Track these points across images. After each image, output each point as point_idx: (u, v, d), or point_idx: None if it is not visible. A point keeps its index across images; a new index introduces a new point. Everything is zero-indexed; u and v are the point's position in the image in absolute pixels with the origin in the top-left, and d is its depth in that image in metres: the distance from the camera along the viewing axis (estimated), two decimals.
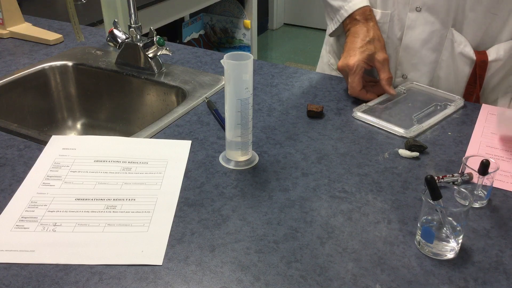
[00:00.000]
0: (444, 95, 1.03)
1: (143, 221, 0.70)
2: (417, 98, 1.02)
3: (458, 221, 0.64)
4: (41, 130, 1.17)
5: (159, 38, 1.12)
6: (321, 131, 0.92)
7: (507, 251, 0.66)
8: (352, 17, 1.03)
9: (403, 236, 0.68)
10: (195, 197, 0.75)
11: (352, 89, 1.00)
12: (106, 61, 1.19)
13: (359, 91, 1.00)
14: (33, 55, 1.24)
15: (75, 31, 1.17)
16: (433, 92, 1.04)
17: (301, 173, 0.81)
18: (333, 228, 0.70)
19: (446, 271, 0.63)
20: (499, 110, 0.92)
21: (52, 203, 0.73)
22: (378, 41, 1.01)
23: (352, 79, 0.99)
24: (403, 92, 1.04)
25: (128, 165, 0.82)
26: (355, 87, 0.99)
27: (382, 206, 0.74)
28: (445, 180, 0.76)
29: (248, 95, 0.77)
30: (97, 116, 1.23)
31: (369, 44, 0.99)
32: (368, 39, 1.00)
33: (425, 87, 1.05)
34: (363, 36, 1.00)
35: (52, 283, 0.60)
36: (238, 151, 0.81)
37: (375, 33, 1.01)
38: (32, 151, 0.85)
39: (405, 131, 0.90)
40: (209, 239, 0.67)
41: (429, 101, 1.01)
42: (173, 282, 0.61)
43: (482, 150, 0.87)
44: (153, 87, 1.12)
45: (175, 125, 0.94)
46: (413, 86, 1.06)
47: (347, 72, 1.00)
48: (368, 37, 1.00)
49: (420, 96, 1.03)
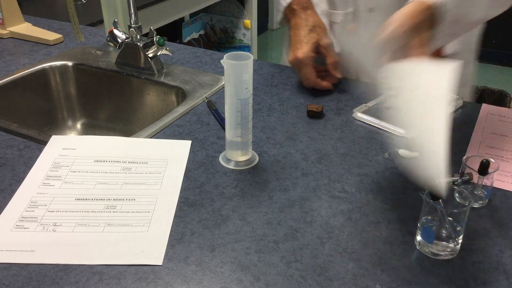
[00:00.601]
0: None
1: (143, 221, 0.70)
2: None
3: (458, 221, 0.64)
4: (41, 130, 1.17)
5: (159, 38, 1.12)
6: (321, 131, 0.92)
7: (507, 251, 0.66)
8: (290, 7, 1.06)
9: (403, 236, 0.68)
10: (195, 197, 0.75)
11: (307, 80, 1.03)
12: (106, 61, 1.19)
13: (314, 81, 1.03)
14: (33, 55, 1.24)
15: (75, 31, 1.17)
16: None
17: (301, 173, 0.81)
18: (333, 228, 0.70)
19: (446, 271, 0.63)
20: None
21: (52, 203, 0.73)
22: (319, 27, 1.03)
23: (305, 71, 1.02)
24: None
25: (128, 165, 0.82)
26: (309, 78, 1.03)
27: (382, 206, 0.74)
28: None
29: (248, 95, 0.77)
30: (97, 116, 1.23)
31: (312, 32, 1.02)
32: (309, 28, 1.02)
33: None
34: (304, 27, 1.03)
35: (52, 283, 0.60)
36: (238, 151, 0.81)
37: (314, 20, 1.03)
38: (32, 151, 0.85)
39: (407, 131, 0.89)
40: (209, 239, 0.67)
41: None
42: (173, 282, 0.61)
43: (482, 150, 0.87)
44: (153, 87, 1.12)
45: (175, 125, 0.94)
46: None
47: (298, 65, 1.03)
48: (308, 26, 1.03)
49: None
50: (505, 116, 0.98)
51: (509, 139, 0.90)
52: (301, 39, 1.02)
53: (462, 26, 0.83)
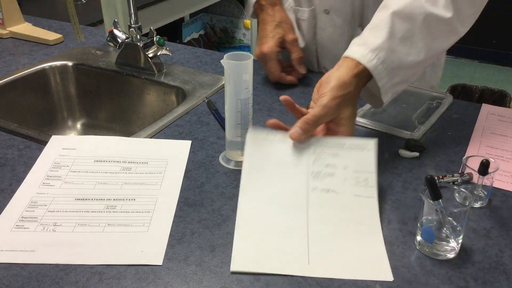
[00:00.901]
0: (432, 93, 1.04)
1: (143, 221, 0.70)
2: (408, 99, 1.03)
3: (458, 221, 0.64)
4: (41, 130, 1.17)
5: (159, 38, 1.12)
6: None
7: (507, 251, 0.66)
8: (259, 3, 1.08)
9: (403, 236, 0.68)
10: (195, 197, 0.75)
11: (272, 74, 1.06)
12: (106, 61, 1.19)
13: (278, 75, 1.06)
14: (33, 55, 1.24)
15: (75, 31, 1.17)
16: (419, 92, 1.06)
17: None
18: None
19: (446, 271, 0.63)
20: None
21: (52, 203, 0.73)
22: (285, 23, 1.06)
23: (270, 65, 1.05)
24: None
25: (128, 165, 0.82)
26: (274, 72, 1.05)
27: (382, 206, 0.74)
28: (445, 180, 0.76)
29: (248, 95, 0.77)
30: (97, 116, 1.23)
31: (278, 28, 1.05)
32: (275, 24, 1.05)
33: (410, 86, 1.06)
34: (270, 22, 1.06)
35: (52, 283, 0.60)
36: (238, 151, 0.81)
37: (281, 16, 1.06)
38: (32, 151, 0.85)
39: (411, 133, 0.89)
40: (209, 239, 0.67)
41: (420, 100, 1.02)
42: (173, 282, 0.61)
43: (482, 150, 0.87)
44: (153, 87, 1.12)
45: (175, 125, 0.94)
46: None
47: (263, 59, 1.06)
48: (275, 21, 1.06)
49: (409, 96, 1.04)
50: (505, 116, 0.98)
51: (509, 139, 0.90)
52: (267, 34, 1.05)
53: (407, 71, 0.81)
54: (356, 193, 0.70)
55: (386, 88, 0.80)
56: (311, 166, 0.71)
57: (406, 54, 0.80)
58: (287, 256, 0.61)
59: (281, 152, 0.73)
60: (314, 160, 0.72)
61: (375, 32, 0.80)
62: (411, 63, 0.80)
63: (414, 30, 0.79)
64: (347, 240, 0.64)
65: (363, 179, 0.71)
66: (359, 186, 0.70)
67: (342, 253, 0.62)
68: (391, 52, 0.79)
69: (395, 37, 0.79)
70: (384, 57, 0.78)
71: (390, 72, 0.79)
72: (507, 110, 1.01)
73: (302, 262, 0.61)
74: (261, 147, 0.73)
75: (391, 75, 0.79)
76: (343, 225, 0.66)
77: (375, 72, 0.78)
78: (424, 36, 0.80)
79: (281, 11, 1.08)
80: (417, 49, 0.80)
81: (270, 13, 1.07)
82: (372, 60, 0.78)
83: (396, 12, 0.80)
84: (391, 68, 0.79)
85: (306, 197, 0.69)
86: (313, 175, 0.71)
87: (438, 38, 0.82)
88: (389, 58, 0.78)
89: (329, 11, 1.05)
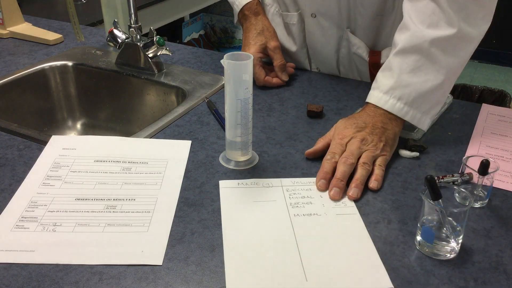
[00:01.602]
0: None
1: (143, 221, 0.70)
2: None
3: (458, 221, 0.64)
4: (41, 130, 1.17)
5: (159, 38, 1.12)
6: (321, 131, 0.92)
7: (507, 251, 0.66)
8: (242, 12, 1.12)
9: (403, 236, 0.68)
10: (195, 197, 0.75)
11: (257, 80, 1.07)
12: (106, 61, 1.19)
13: (263, 80, 1.07)
14: (33, 55, 1.24)
15: (75, 31, 1.17)
16: None
17: (301, 173, 0.81)
18: None
19: (446, 271, 0.63)
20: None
21: (52, 203, 0.73)
22: (267, 31, 1.09)
23: (254, 71, 1.06)
24: None
25: (128, 165, 0.82)
26: (258, 77, 1.07)
27: (382, 206, 0.74)
28: (445, 180, 0.76)
29: (248, 95, 0.77)
30: (97, 116, 1.23)
31: (260, 35, 1.08)
32: (257, 32, 1.09)
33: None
34: (253, 30, 1.09)
35: (52, 283, 0.60)
36: (238, 151, 0.81)
37: (264, 24, 1.10)
38: (32, 151, 0.85)
39: (411, 133, 0.89)
40: (209, 239, 0.67)
41: None
42: (173, 282, 0.61)
43: (482, 150, 0.87)
44: (153, 87, 1.12)
45: (175, 125, 0.94)
46: None
47: None
48: (257, 30, 1.09)
49: None
50: (505, 116, 0.98)
51: (509, 139, 0.90)
52: (249, 42, 1.09)
53: (432, 96, 0.85)
54: (338, 213, 0.72)
55: (418, 118, 0.85)
56: (288, 200, 0.74)
57: (423, 83, 0.83)
58: (284, 277, 0.61)
59: (256, 193, 0.76)
60: (289, 196, 0.75)
61: (386, 73, 0.86)
62: (431, 88, 0.84)
63: (423, 59, 0.83)
64: (340, 253, 0.64)
65: (341, 202, 0.74)
66: (338, 207, 0.73)
67: (337, 267, 0.62)
68: (405, 87, 0.83)
69: (404, 72, 0.84)
70: (399, 94, 0.84)
71: (413, 104, 0.84)
72: (507, 110, 1.01)
73: (300, 280, 0.60)
74: (235, 192, 0.76)
75: (416, 106, 0.84)
76: (332, 239, 0.67)
77: (395, 111, 0.84)
78: (436, 60, 0.83)
79: (263, 20, 1.10)
80: (433, 74, 0.83)
81: (253, 22, 1.10)
82: (389, 101, 0.84)
83: (401, 49, 0.84)
84: (411, 101, 0.83)
85: (290, 222, 0.70)
86: (292, 206, 0.73)
87: (452, 55, 0.84)
88: (405, 93, 0.83)
89: (315, 15, 1.06)
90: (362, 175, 0.76)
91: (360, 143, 0.80)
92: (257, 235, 0.67)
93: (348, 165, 0.77)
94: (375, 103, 0.85)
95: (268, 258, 0.64)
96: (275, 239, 0.67)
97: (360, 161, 0.78)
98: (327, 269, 0.62)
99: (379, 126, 0.83)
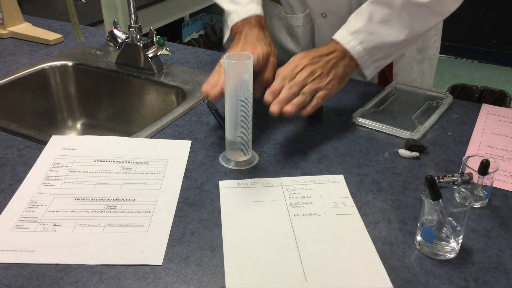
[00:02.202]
0: (431, 93, 1.05)
1: (143, 221, 0.70)
2: (408, 99, 1.04)
3: (458, 221, 0.64)
4: (41, 130, 1.17)
5: (159, 38, 1.12)
6: (321, 131, 0.92)
7: (507, 251, 0.66)
8: (247, 20, 0.97)
9: (403, 236, 0.68)
10: (195, 197, 0.75)
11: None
12: (106, 61, 1.19)
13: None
14: (33, 55, 1.24)
15: (75, 31, 1.17)
16: (419, 91, 1.06)
17: (301, 173, 0.81)
18: None
19: (446, 271, 0.63)
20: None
21: (52, 203, 0.73)
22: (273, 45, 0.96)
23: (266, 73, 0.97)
24: (392, 93, 1.04)
25: (128, 165, 0.82)
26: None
27: (382, 206, 0.74)
28: (445, 180, 0.76)
29: (248, 95, 0.77)
30: (97, 116, 1.23)
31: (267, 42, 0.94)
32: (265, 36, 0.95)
33: (409, 86, 1.08)
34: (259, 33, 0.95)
35: (52, 283, 0.60)
36: (238, 151, 0.81)
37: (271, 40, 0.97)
38: (32, 151, 0.85)
39: (411, 133, 0.89)
40: (209, 239, 0.67)
41: (420, 100, 1.03)
42: (173, 282, 0.61)
43: (482, 150, 0.87)
44: (153, 87, 1.12)
45: (175, 125, 0.94)
46: (397, 86, 1.08)
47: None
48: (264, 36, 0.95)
49: (409, 96, 1.05)
50: (505, 116, 0.98)
51: (509, 139, 0.90)
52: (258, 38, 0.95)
53: (387, 49, 0.92)
54: (338, 213, 0.72)
55: (367, 64, 0.91)
56: (288, 200, 0.74)
57: (385, 35, 0.90)
58: (283, 277, 0.61)
59: (256, 193, 0.76)
60: (289, 195, 0.75)
61: (358, 17, 0.91)
62: (390, 43, 0.91)
63: (393, 14, 0.89)
64: (339, 253, 0.64)
65: (341, 202, 0.74)
66: (338, 207, 0.73)
67: (337, 267, 0.62)
68: (370, 34, 0.89)
69: (374, 21, 0.89)
70: (362, 38, 0.89)
71: (370, 51, 0.90)
72: (507, 110, 1.01)
73: (300, 279, 0.60)
74: (235, 192, 0.76)
75: (371, 53, 0.90)
76: (332, 240, 0.67)
77: (353, 52, 0.89)
78: (403, 19, 0.89)
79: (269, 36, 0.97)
80: (396, 31, 0.90)
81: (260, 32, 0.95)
82: (351, 41, 0.89)
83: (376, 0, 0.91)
84: (370, 48, 0.89)
85: (290, 222, 0.70)
86: (292, 206, 0.73)
87: (418, 20, 0.91)
88: (368, 39, 0.89)
89: (326, 14, 1.06)
90: (298, 100, 0.83)
91: (308, 74, 0.85)
92: (257, 235, 0.67)
93: (290, 93, 0.83)
94: (339, 40, 0.90)
95: (268, 258, 0.64)
96: (275, 239, 0.67)
97: (302, 90, 0.84)
98: (327, 269, 0.62)
99: (332, 62, 0.88)
